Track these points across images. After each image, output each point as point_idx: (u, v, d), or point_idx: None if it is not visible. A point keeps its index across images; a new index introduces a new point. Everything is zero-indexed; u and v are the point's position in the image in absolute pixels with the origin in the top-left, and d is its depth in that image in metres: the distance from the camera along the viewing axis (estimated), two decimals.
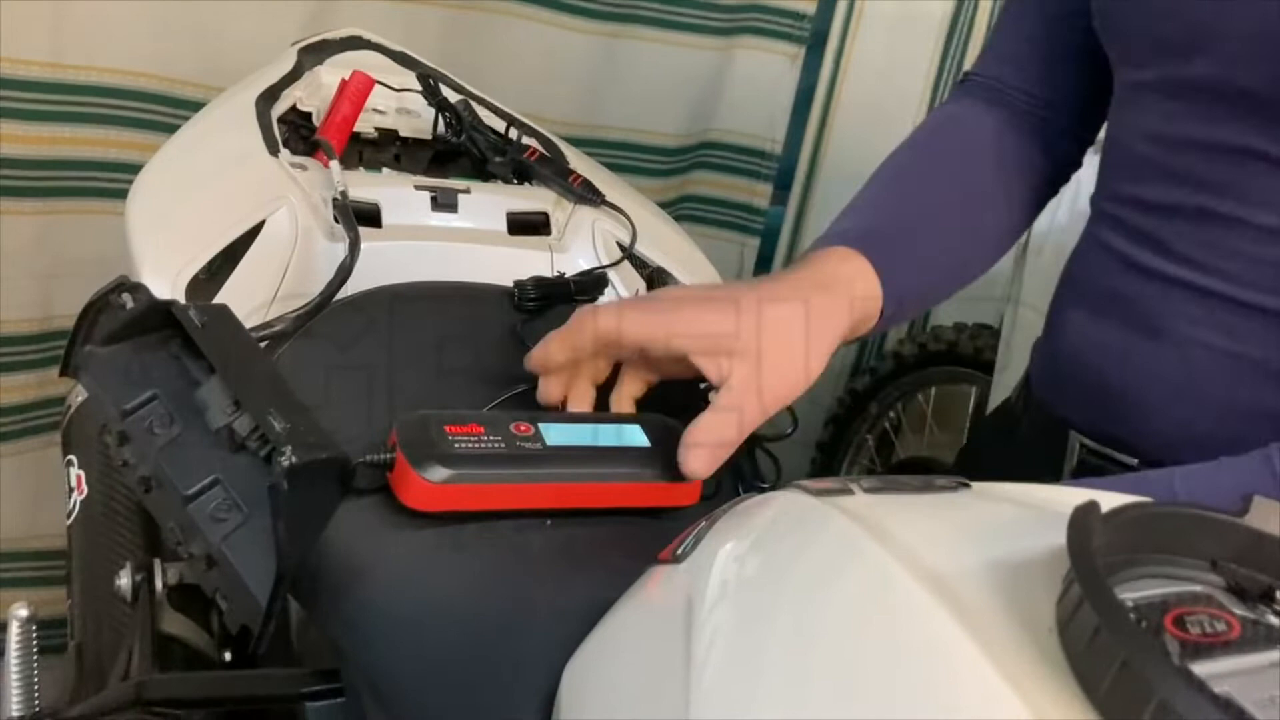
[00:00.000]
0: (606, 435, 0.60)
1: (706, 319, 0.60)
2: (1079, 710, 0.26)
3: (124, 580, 0.67)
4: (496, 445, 0.58)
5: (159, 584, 0.67)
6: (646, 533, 0.50)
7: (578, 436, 0.60)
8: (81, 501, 0.78)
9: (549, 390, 0.63)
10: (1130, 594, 0.30)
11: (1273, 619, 0.30)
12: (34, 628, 0.61)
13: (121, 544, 0.74)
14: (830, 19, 1.44)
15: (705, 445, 0.58)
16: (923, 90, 1.49)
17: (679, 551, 0.41)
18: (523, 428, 0.59)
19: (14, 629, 0.60)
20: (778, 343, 0.60)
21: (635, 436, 0.61)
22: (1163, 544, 0.31)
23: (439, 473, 0.56)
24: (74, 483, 0.79)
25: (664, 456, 0.60)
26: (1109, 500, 0.31)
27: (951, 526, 0.35)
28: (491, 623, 0.53)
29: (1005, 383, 1.37)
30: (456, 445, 0.57)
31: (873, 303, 0.66)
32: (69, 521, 0.79)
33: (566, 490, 0.58)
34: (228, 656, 0.66)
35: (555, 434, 0.59)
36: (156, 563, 0.67)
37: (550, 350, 0.62)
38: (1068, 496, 0.34)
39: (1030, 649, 0.28)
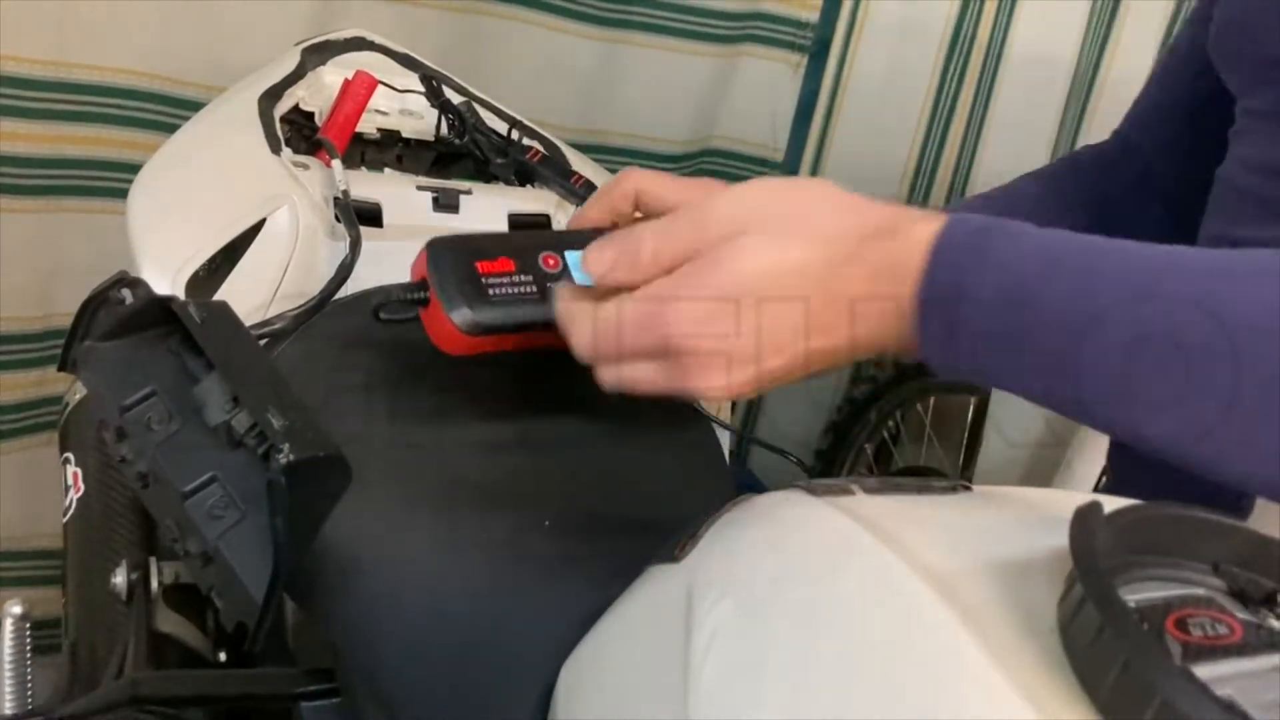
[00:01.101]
0: None
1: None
2: (1081, 710, 0.26)
3: (119, 579, 0.66)
4: (527, 288, 0.58)
5: (154, 583, 0.66)
6: (646, 532, 0.49)
7: None
8: (78, 499, 0.77)
9: None
10: (1132, 596, 0.30)
11: (1274, 623, 0.30)
12: (28, 625, 0.61)
13: (117, 542, 0.73)
14: (833, 28, 1.44)
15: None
16: (924, 100, 1.49)
17: (678, 550, 0.41)
18: (550, 261, 0.60)
19: (8, 626, 0.60)
20: None
21: None
22: (1165, 546, 0.31)
23: (472, 322, 0.57)
24: (70, 480, 0.79)
25: None
26: (1111, 502, 0.31)
27: (953, 526, 0.35)
28: (489, 623, 0.53)
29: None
30: (490, 289, 0.57)
31: None
32: (65, 519, 0.79)
33: None
34: (223, 656, 0.66)
35: (582, 269, 0.59)
36: (152, 561, 0.67)
37: (590, 213, 0.61)
38: (1069, 499, 0.34)
39: (1032, 648, 0.28)
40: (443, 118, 0.84)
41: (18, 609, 0.60)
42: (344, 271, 0.67)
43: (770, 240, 0.44)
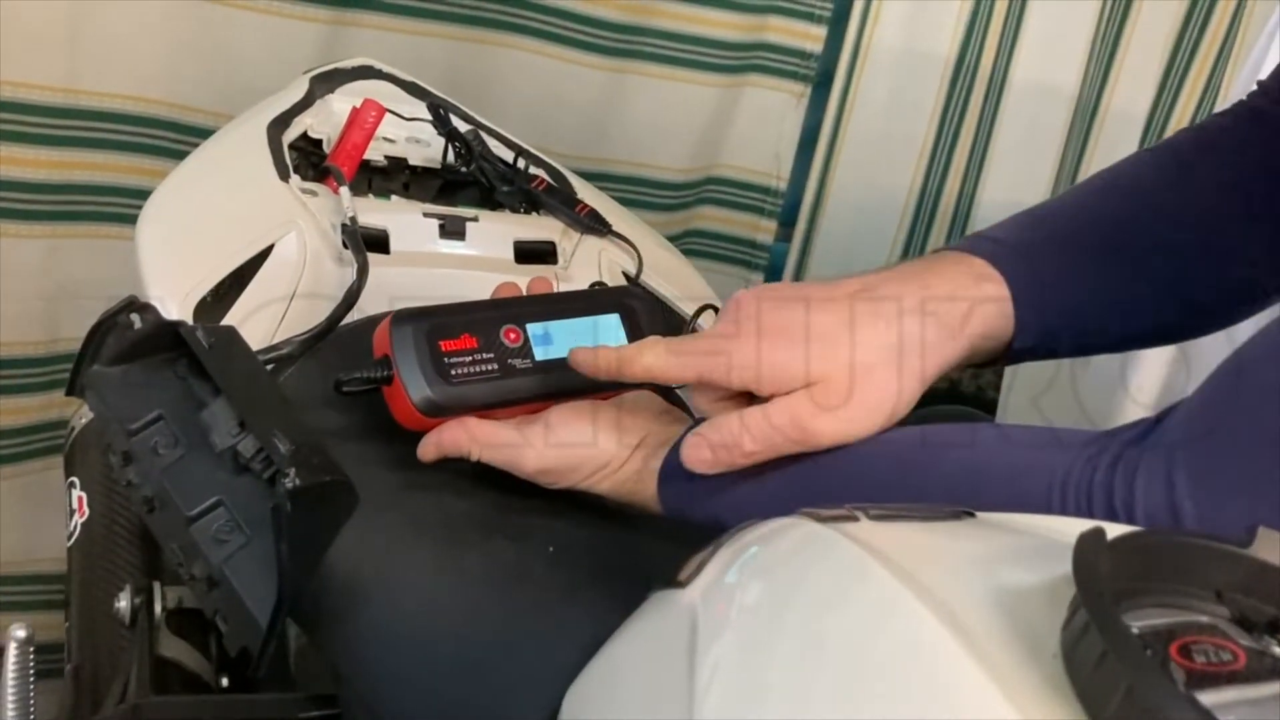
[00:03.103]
0: (586, 337, 0.63)
1: (776, 358, 0.53)
2: None
3: (123, 603, 0.66)
4: (489, 367, 0.60)
5: (158, 607, 0.66)
6: (651, 558, 0.50)
7: (562, 342, 0.62)
8: (82, 524, 0.78)
9: None
10: (1135, 622, 0.30)
11: (1278, 650, 0.30)
12: (31, 650, 0.61)
13: (121, 567, 0.73)
14: (836, 58, 1.45)
15: (713, 446, 0.54)
16: (927, 129, 1.50)
17: (683, 577, 0.41)
18: (512, 335, 0.62)
19: (11, 650, 0.60)
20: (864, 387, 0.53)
21: (615, 336, 0.64)
22: (1168, 573, 0.31)
23: (434, 405, 0.58)
24: (75, 505, 0.79)
25: None
26: (1114, 529, 0.31)
27: (957, 553, 0.35)
28: (492, 649, 0.53)
29: (1006, 421, 1.36)
30: (452, 369, 0.59)
31: (991, 342, 0.57)
32: (69, 544, 0.79)
33: (548, 404, 0.61)
34: (225, 682, 0.66)
35: (542, 342, 0.62)
36: (156, 586, 0.67)
37: (611, 365, 0.57)
38: (1072, 526, 0.34)
39: (1035, 674, 0.28)
40: (449, 146, 0.84)
41: (21, 633, 0.60)
42: (351, 297, 0.67)
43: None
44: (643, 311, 0.66)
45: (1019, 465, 0.49)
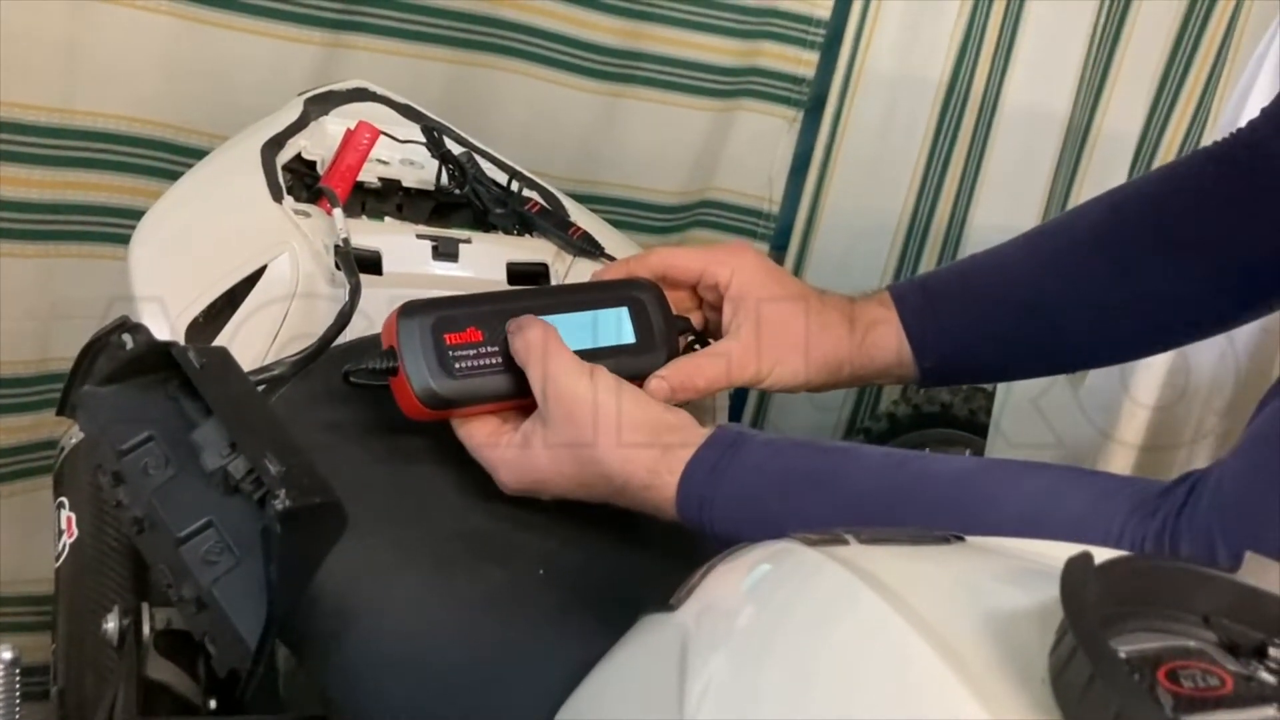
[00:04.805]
0: (594, 331, 0.64)
1: (749, 260, 0.68)
2: None
3: (111, 624, 0.66)
4: (493, 361, 0.61)
5: (146, 629, 0.66)
6: (641, 580, 0.49)
7: (568, 336, 0.62)
8: (71, 544, 0.77)
9: None
10: (1123, 647, 0.30)
11: (1266, 675, 0.30)
12: (17, 671, 0.60)
13: (110, 588, 0.73)
14: (829, 83, 1.46)
15: (674, 381, 0.63)
16: (919, 153, 1.50)
17: (673, 600, 0.41)
18: None
19: None
20: (783, 326, 0.66)
21: (622, 330, 0.65)
22: (1155, 598, 0.31)
23: (436, 397, 0.60)
24: (64, 525, 0.79)
25: (645, 354, 0.65)
26: (1102, 553, 0.31)
27: (946, 577, 0.35)
28: (482, 671, 0.53)
29: (998, 446, 1.36)
30: (456, 363, 0.60)
31: (886, 351, 0.69)
32: (57, 564, 0.78)
33: None
34: (213, 704, 0.65)
35: None
36: (144, 607, 0.67)
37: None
38: (1061, 550, 0.34)
39: (1024, 699, 0.28)
40: (443, 168, 0.85)
41: (8, 654, 0.60)
42: (343, 318, 0.67)
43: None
44: (650, 305, 0.66)
45: (1075, 519, 0.51)
